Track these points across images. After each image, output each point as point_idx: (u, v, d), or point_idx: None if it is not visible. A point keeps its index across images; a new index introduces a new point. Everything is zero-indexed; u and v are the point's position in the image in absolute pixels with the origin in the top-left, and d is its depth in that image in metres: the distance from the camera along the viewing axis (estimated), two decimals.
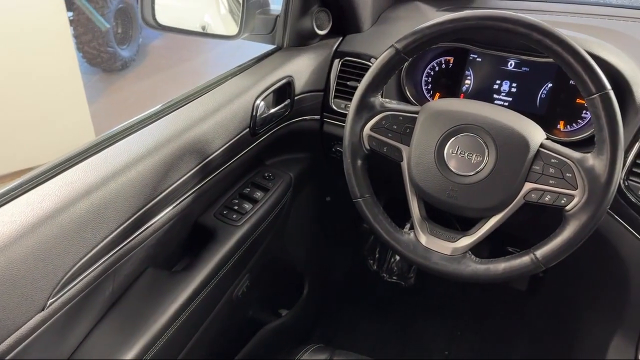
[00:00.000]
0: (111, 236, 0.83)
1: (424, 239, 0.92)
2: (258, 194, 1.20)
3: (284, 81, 1.18)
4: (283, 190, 1.26)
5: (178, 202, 0.98)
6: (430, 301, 1.89)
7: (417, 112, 0.92)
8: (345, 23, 1.27)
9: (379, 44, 1.17)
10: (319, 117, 1.27)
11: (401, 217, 0.96)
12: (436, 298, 1.90)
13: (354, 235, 1.89)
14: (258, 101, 1.12)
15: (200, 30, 1.32)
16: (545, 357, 1.56)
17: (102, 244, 0.82)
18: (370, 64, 0.91)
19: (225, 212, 1.15)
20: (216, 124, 1.04)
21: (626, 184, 0.94)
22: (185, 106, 1.04)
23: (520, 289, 1.75)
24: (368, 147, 0.94)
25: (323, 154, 1.35)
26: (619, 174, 0.79)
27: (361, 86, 0.92)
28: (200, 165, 1.01)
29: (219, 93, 1.09)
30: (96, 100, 4.35)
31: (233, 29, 1.26)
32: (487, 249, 1.39)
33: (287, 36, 1.25)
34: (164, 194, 0.93)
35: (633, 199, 0.94)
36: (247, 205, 1.17)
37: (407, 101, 1.15)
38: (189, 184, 1.00)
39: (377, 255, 1.95)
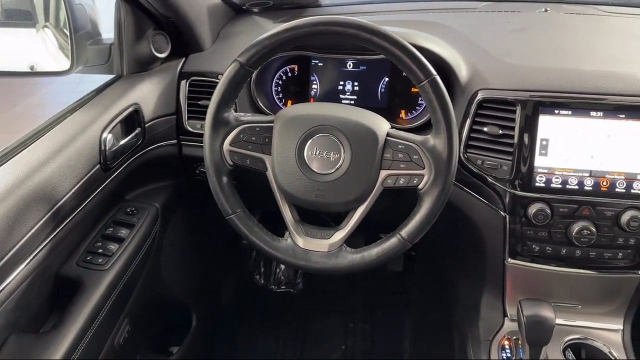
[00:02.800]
0: None
1: (301, 241, 0.94)
2: (123, 232, 1.13)
3: (130, 110, 1.13)
4: (150, 223, 1.20)
5: (31, 257, 0.89)
6: (322, 301, 1.93)
7: (272, 121, 0.94)
8: (185, 43, 1.25)
9: (223, 60, 1.18)
10: (175, 141, 1.24)
11: (279, 225, 0.98)
12: (326, 297, 1.94)
13: (236, 253, 1.87)
14: (105, 134, 1.06)
15: (29, 70, 1.21)
16: (431, 326, 1.67)
17: None
18: (218, 80, 0.91)
19: (89, 257, 1.07)
20: (61, 165, 0.96)
21: (466, 156, 1.05)
22: (22, 152, 0.94)
23: (398, 271, 1.86)
24: (231, 163, 0.94)
25: (187, 178, 1.32)
26: (457, 148, 0.89)
27: (212, 103, 0.92)
28: (50, 213, 0.92)
29: (60, 132, 1.01)
30: None
31: (65, 64, 1.17)
32: (363, 240, 1.46)
33: (125, 63, 1.19)
34: (12, 251, 0.84)
35: (474, 169, 1.05)
36: (113, 246, 1.10)
37: (261, 112, 1.17)
38: (40, 236, 0.91)
39: (262, 269, 1.95)
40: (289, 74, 1.22)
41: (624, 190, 1.00)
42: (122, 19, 1.16)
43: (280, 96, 1.23)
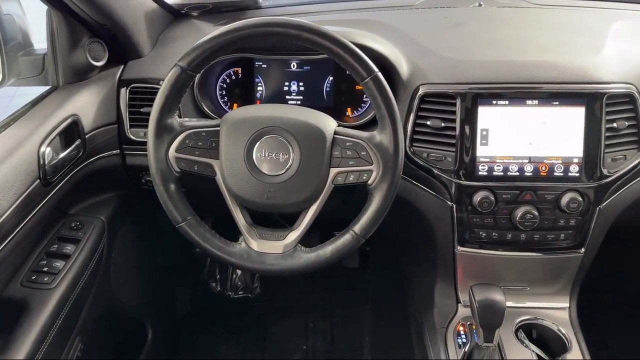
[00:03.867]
0: None
1: (255, 244, 0.94)
2: (68, 248, 1.09)
3: (68, 121, 1.09)
4: (97, 237, 1.16)
5: None
6: (281, 303, 1.93)
7: (218, 125, 0.93)
8: (123, 50, 1.21)
9: (164, 66, 1.15)
10: (118, 151, 1.20)
11: (233, 230, 0.97)
12: (285, 299, 1.94)
13: (190, 261, 1.83)
14: (43, 148, 1.01)
15: None
16: (389, 318, 1.70)
17: None
18: (160, 86, 0.89)
19: (33, 277, 1.02)
20: None
21: (412, 150, 1.08)
22: None
23: (354, 267, 1.88)
24: (178, 170, 0.92)
25: (133, 188, 1.28)
26: (403, 143, 0.91)
27: (154, 110, 0.90)
28: None
29: None
30: None
31: None
32: (318, 239, 1.47)
33: (60, 74, 1.15)
34: None
35: (420, 162, 1.08)
36: (58, 263, 1.06)
37: (207, 116, 1.15)
38: None
39: (218, 276, 1.92)
40: (233, 77, 1.21)
41: (562, 174, 1.05)
42: (55, 28, 1.12)
43: (225, 99, 1.21)
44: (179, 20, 1.36)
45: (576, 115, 1.03)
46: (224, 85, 1.21)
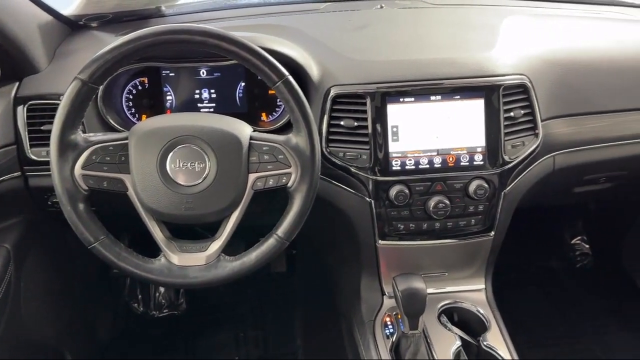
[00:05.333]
0: None
1: (175, 259, 0.91)
2: None
3: None
4: (2, 267, 1.08)
5: None
6: (209, 316, 1.88)
7: (126, 138, 0.89)
8: (17, 66, 1.13)
9: (63, 80, 1.08)
10: (19, 173, 1.12)
11: (151, 246, 0.94)
12: (213, 311, 1.90)
13: (108, 283, 1.75)
14: None
15: None
16: (320, 318, 1.72)
17: None
18: (60, 101, 0.85)
19: None
20: None
21: (328, 150, 1.10)
22: None
23: (282, 271, 1.88)
24: (86, 188, 0.88)
25: (39, 211, 1.20)
26: (319, 144, 0.92)
27: (55, 127, 0.85)
28: None
29: None
30: None
31: None
32: (244, 247, 1.45)
33: None
34: None
35: (337, 161, 1.10)
36: None
37: (114, 130, 1.10)
38: None
39: (139, 296, 1.85)
40: (140, 87, 1.17)
41: (467, 163, 1.11)
42: None
43: (132, 111, 1.17)
44: (77, 32, 1.29)
45: (476, 107, 1.10)
46: (130, 97, 1.16)
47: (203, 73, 1.16)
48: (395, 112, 1.09)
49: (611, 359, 1.65)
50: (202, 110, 1.18)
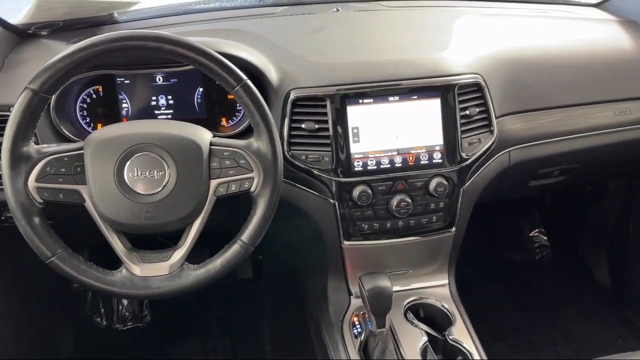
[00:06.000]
0: None
1: (137, 269, 0.90)
2: None
3: None
4: None
5: None
6: (175, 327, 1.85)
7: (81, 148, 0.87)
8: None
9: (13, 90, 1.03)
10: None
11: (113, 258, 0.91)
12: (179, 322, 1.86)
13: (69, 298, 1.69)
14: None
15: None
16: (288, 322, 1.71)
17: None
18: (10, 113, 0.82)
19: None
20: None
21: (290, 153, 1.10)
22: None
23: (248, 278, 1.87)
24: (40, 201, 0.85)
25: None
26: (280, 147, 0.92)
27: (6, 139, 0.82)
28: None
29: None
30: None
31: None
32: (208, 255, 1.43)
33: None
34: None
35: (300, 164, 1.10)
36: None
37: (69, 140, 1.07)
38: None
39: (102, 310, 1.80)
40: (94, 96, 1.14)
41: (427, 162, 1.13)
42: None
43: (87, 120, 1.14)
44: (26, 41, 1.25)
45: (433, 106, 1.12)
46: (85, 106, 1.14)
47: (159, 79, 1.15)
48: (355, 114, 1.10)
49: (572, 347, 1.71)
50: (159, 117, 1.16)
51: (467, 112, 1.14)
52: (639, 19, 1.47)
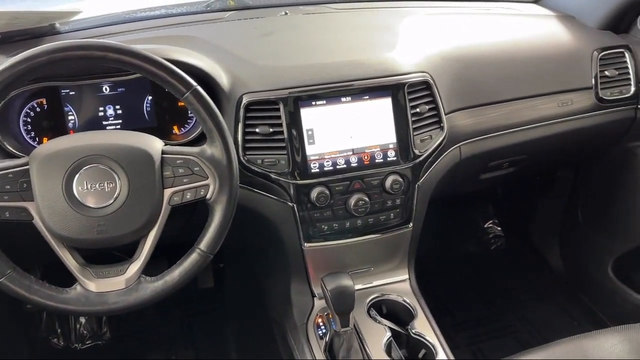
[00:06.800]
0: None
1: (92, 285, 0.88)
2: None
3: None
4: None
5: None
6: (136, 342, 1.80)
7: (26, 163, 0.84)
8: None
9: None
10: None
11: (67, 276, 0.88)
12: (141, 336, 1.82)
13: (22, 320, 1.62)
14: None
15: None
16: (253, 329, 1.70)
17: None
18: None
19: None
20: None
21: (246, 158, 1.09)
22: None
23: (210, 287, 1.84)
24: None
25: None
26: (235, 152, 0.92)
27: None
28: None
29: None
30: None
31: None
32: (167, 266, 1.41)
33: None
34: None
35: (256, 169, 1.10)
36: None
37: (12, 156, 1.03)
38: None
39: (59, 329, 1.74)
40: (38, 109, 1.10)
41: (382, 160, 1.15)
42: None
43: (32, 135, 1.10)
44: None
45: (385, 105, 1.14)
46: (29, 120, 1.09)
47: (106, 89, 1.12)
48: (309, 116, 1.11)
49: (531, 332, 1.77)
50: (108, 128, 1.13)
51: (418, 109, 1.16)
52: (575, 14, 1.55)
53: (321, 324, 1.19)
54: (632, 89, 1.41)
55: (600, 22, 1.49)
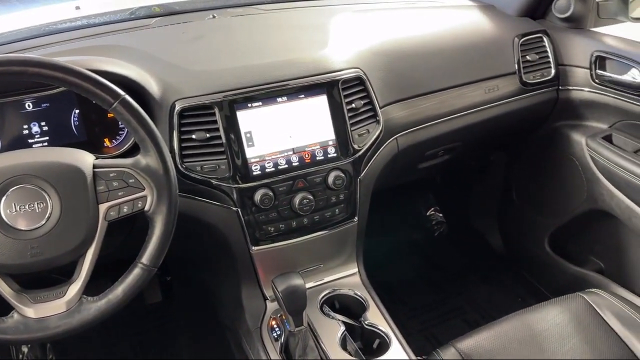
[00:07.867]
0: None
1: (31, 311, 0.83)
2: None
3: None
4: None
5: None
6: None
7: None
8: None
9: None
10: None
11: (3, 303, 0.84)
12: (91, 358, 1.74)
13: None
14: None
15: None
16: (206, 339, 1.67)
17: None
18: None
19: None
20: None
21: (184, 166, 1.07)
22: None
23: (157, 301, 1.79)
24: None
25: None
26: (171, 161, 0.89)
27: None
28: None
29: None
30: None
31: None
32: (111, 284, 1.35)
33: None
34: None
35: (196, 176, 1.08)
36: None
37: None
38: None
39: None
40: None
41: (323, 157, 1.15)
42: None
43: None
44: None
45: (321, 103, 1.15)
46: None
47: (29, 106, 1.06)
48: (246, 118, 1.10)
49: (478, 312, 1.84)
50: (35, 146, 1.07)
51: (353, 105, 1.18)
52: (494, 2, 1.62)
53: (275, 326, 1.18)
54: (553, 71, 1.49)
55: (519, 10, 1.56)
